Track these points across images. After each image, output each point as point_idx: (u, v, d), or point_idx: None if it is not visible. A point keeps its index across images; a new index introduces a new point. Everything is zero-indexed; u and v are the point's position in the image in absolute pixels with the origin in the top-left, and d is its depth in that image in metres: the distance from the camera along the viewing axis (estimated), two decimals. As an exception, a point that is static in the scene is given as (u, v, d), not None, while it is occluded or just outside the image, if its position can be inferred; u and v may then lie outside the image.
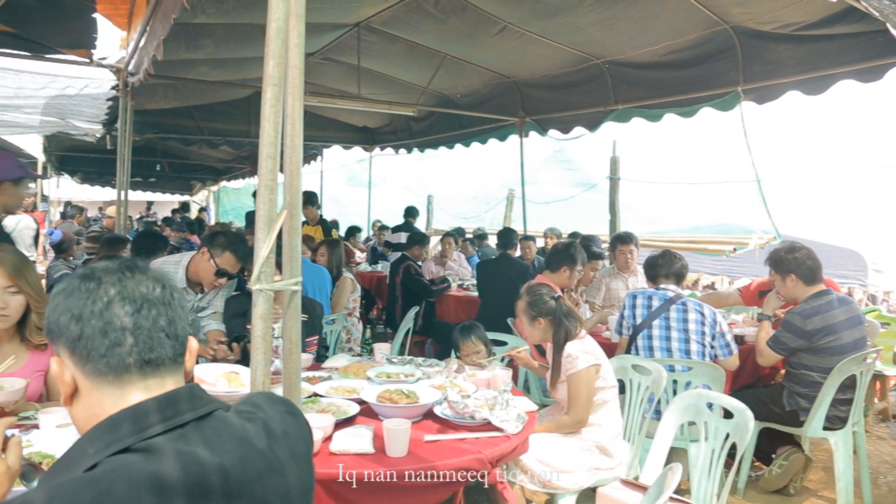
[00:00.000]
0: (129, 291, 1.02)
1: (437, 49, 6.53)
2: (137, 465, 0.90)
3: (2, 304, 2.23)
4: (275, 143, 1.44)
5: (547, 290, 2.99)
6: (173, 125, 8.54)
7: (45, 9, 4.51)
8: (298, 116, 1.53)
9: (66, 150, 11.07)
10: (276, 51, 1.46)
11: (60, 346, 1.02)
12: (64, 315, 1.01)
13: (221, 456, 0.96)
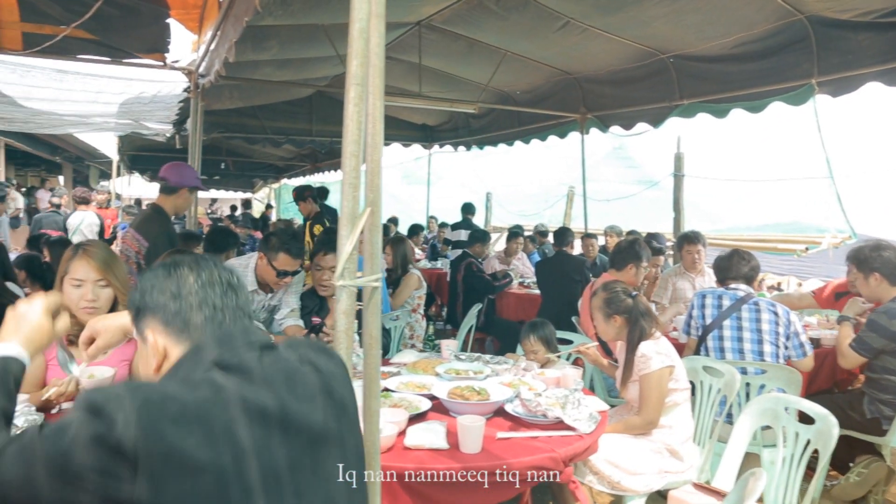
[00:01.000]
0: (216, 277, 1.23)
1: (498, 46, 6.51)
2: (212, 381, 1.07)
3: (92, 297, 2.33)
4: (358, 141, 1.47)
5: (623, 287, 2.94)
6: (238, 124, 8.77)
7: (125, 17, 4.69)
8: (380, 115, 1.55)
9: (137, 149, 11.51)
10: (359, 51, 1.48)
11: (154, 321, 1.20)
12: (163, 294, 1.20)
13: (281, 390, 1.11)
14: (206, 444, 0.98)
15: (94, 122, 7.35)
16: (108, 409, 0.95)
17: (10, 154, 13.45)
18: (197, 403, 1.02)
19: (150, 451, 0.94)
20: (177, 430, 0.97)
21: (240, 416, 1.04)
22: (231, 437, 1.01)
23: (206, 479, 0.97)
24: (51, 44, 4.73)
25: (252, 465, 1.01)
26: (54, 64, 5.40)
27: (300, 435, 1.10)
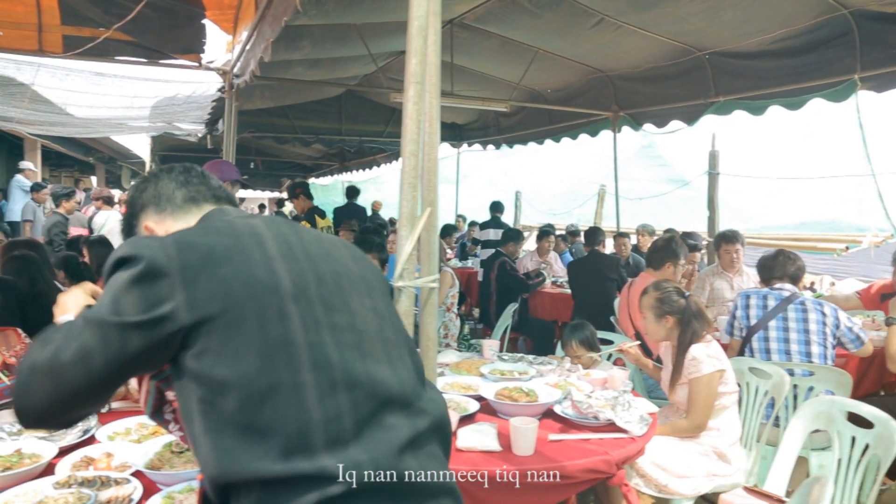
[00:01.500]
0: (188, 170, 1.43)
1: (530, 44, 6.47)
2: (233, 220, 1.20)
3: None
4: (417, 140, 1.45)
5: (676, 287, 2.88)
6: (269, 124, 8.83)
7: (162, 19, 4.75)
8: (436, 114, 1.53)
9: (168, 149, 11.65)
10: (417, 48, 1.46)
11: (146, 218, 1.34)
12: (144, 192, 1.37)
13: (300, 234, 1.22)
14: (235, 257, 1.08)
15: (129, 125, 7.45)
16: (139, 252, 1.06)
17: (45, 155, 13.70)
18: (220, 230, 1.15)
19: (186, 270, 1.04)
20: (207, 248, 1.08)
21: (266, 239, 1.13)
22: (258, 250, 1.11)
23: (237, 286, 1.05)
24: (91, 46, 4.79)
25: (283, 275, 1.09)
26: (93, 66, 5.48)
27: (324, 266, 1.17)
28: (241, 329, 1.03)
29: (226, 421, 1.02)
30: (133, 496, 1.61)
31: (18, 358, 2.43)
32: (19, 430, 2.01)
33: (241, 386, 1.02)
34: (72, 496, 1.61)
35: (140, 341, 1.03)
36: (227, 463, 1.02)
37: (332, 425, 1.04)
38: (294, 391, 1.03)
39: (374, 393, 1.10)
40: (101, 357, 1.03)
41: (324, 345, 1.08)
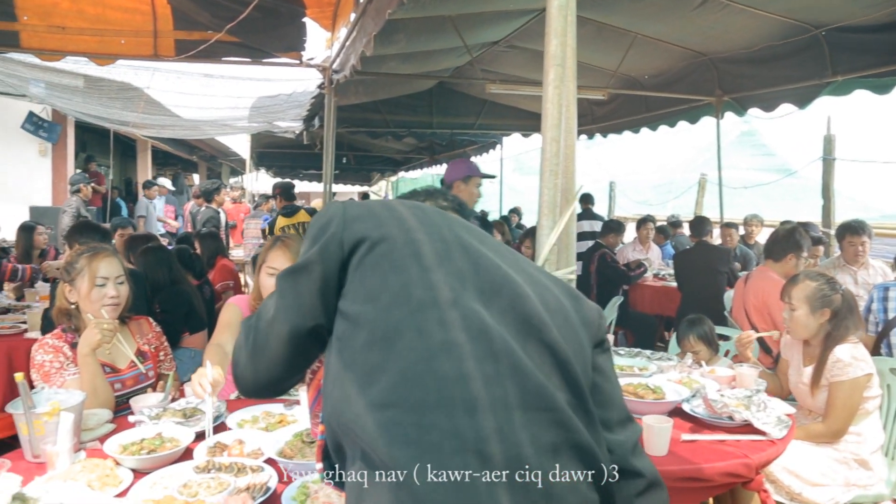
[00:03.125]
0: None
1: (628, 29, 6.24)
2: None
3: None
4: (558, 125, 1.39)
5: (831, 279, 2.66)
6: (361, 119, 8.95)
7: (266, 19, 4.88)
8: (573, 98, 1.46)
9: (265, 146, 12.07)
10: (558, 29, 1.40)
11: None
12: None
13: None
14: (387, 224, 1.13)
15: (233, 124, 7.75)
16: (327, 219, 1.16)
17: (154, 154, 14.55)
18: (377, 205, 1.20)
19: (347, 212, 1.15)
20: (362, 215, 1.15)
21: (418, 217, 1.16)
22: (403, 221, 1.13)
23: (385, 248, 1.09)
24: (201, 49, 4.99)
25: (423, 241, 1.10)
26: (201, 68, 5.70)
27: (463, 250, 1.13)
28: (382, 268, 1.08)
29: (352, 360, 1.03)
30: (269, 484, 1.64)
31: (150, 345, 2.54)
32: (158, 415, 2.09)
33: (370, 322, 1.03)
34: (213, 481, 1.66)
35: (315, 275, 1.11)
36: (341, 407, 1.01)
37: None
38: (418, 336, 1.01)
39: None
40: (292, 303, 1.13)
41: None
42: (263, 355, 1.18)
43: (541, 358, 1.01)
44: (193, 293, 3.93)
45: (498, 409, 0.95)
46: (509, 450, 0.93)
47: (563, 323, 1.08)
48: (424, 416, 0.94)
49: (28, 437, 1.86)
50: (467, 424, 0.93)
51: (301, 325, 1.12)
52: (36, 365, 2.27)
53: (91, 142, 11.90)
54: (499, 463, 0.92)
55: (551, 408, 0.98)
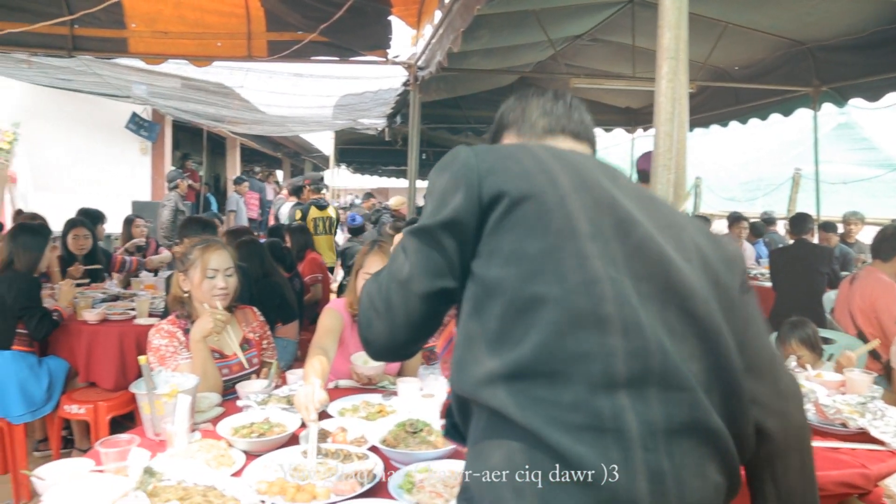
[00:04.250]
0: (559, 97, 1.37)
1: (719, 18, 6.02)
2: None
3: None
4: (672, 119, 1.36)
5: None
6: (442, 115, 9.03)
7: (354, 18, 4.99)
8: (685, 92, 1.43)
9: (347, 143, 12.35)
10: (672, 22, 1.37)
11: (509, 136, 1.35)
12: (513, 111, 1.36)
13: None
14: (532, 177, 1.07)
15: (318, 122, 7.97)
16: (458, 169, 1.10)
17: (241, 151, 15.16)
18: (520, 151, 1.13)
19: (485, 179, 1.06)
20: (501, 166, 1.09)
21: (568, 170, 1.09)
22: (553, 177, 1.07)
23: (529, 206, 1.04)
24: (293, 49, 5.15)
25: (574, 203, 1.04)
26: (291, 68, 5.89)
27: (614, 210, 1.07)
28: (524, 230, 1.04)
29: (486, 326, 1.02)
30: (375, 471, 1.69)
31: (255, 333, 2.66)
32: (264, 400, 2.19)
33: (509, 289, 1.01)
34: (321, 466, 1.72)
35: (450, 233, 1.08)
36: (471, 371, 1.01)
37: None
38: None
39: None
40: (426, 263, 1.10)
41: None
42: (398, 317, 1.14)
43: (683, 332, 1.00)
44: (285, 285, 4.08)
45: (635, 386, 0.94)
46: (643, 427, 0.93)
47: (706, 275, 1.06)
48: (562, 392, 0.94)
49: (150, 416, 1.99)
50: (604, 401, 0.93)
51: (437, 285, 1.10)
52: (153, 348, 2.42)
53: (184, 140, 12.50)
54: (633, 440, 0.92)
55: (687, 387, 0.97)
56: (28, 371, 3.71)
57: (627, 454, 0.91)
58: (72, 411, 3.78)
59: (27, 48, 5.42)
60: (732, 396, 1.02)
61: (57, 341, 3.92)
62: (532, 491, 0.92)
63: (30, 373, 3.72)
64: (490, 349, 1.00)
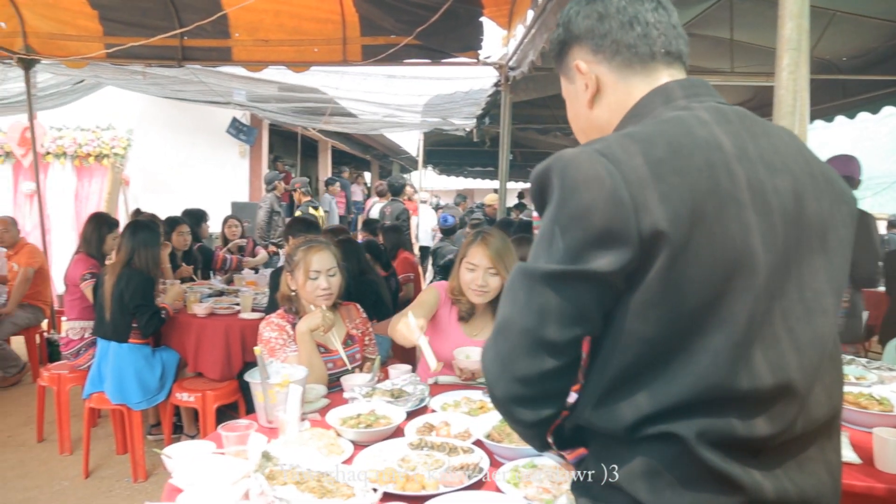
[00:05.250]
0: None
1: (826, 7, 5.70)
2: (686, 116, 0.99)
3: (482, 283, 2.52)
4: (793, 113, 1.32)
5: None
6: (530, 115, 8.98)
7: (446, 20, 5.06)
8: (806, 84, 1.38)
9: (434, 144, 12.50)
10: (794, 11, 1.33)
11: (583, 50, 1.12)
12: (588, 18, 1.10)
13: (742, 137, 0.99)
14: (706, 202, 0.92)
15: (410, 122, 8.13)
16: (598, 196, 0.92)
17: (332, 153, 15.65)
18: (677, 134, 0.96)
19: (641, 211, 0.90)
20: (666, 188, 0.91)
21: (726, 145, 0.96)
22: (734, 194, 0.94)
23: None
24: (387, 54, 5.28)
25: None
26: (384, 70, 6.03)
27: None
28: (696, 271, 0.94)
29: (636, 361, 0.97)
30: (482, 465, 1.72)
31: (358, 329, 2.75)
32: (368, 393, 2.26)
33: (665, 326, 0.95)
34: (428, 458, 1.76)
35: (588, 283, 0.96)
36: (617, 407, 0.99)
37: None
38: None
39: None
40: (554, 310, 0.98)
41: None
42: (515, 368, 0.99)
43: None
44: (380, 283, 4.19)
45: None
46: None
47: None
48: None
49: (263, 404, 2.10)
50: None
51: (566, 335, 0.96)
52: (263, 340, 2.55)
53: (278, 143, 13.02)
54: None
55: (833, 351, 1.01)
56: (143, 362, 3.98)
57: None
58: (182, 399, 4.02)
59: (142, 60, 5.80)
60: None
61: (169, 334, 4.19)
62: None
63: (145, 363, 3.99)
64: (638, 384, 0.99)
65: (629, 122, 1.07)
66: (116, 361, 3.90)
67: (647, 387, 0.96)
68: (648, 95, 1.07)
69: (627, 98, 1.09)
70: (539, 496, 1.55)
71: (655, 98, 1.06)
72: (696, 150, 0.94)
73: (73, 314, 4.51)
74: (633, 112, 1.08)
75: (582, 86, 1.13)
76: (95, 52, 5.58)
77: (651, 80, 1.08)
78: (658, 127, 0.98)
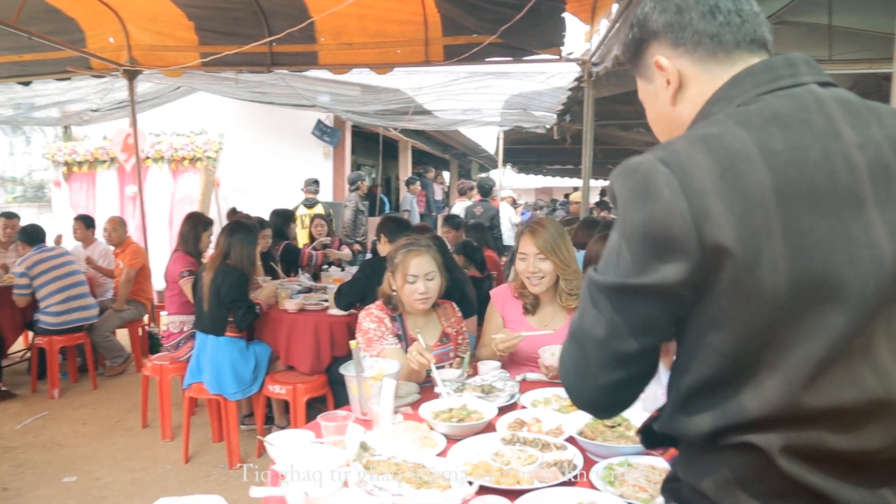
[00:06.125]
0: None
1: (938, -12, 5.33)
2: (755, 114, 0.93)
3: (533, 270, 2.60)
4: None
5: None
6: (612, 111, 8.82)
7: (528, 18, 5.04)
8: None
9: (513, 142, 12.46)
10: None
11: (662, 46, 1.07)
12: (666, 12, 1.05)
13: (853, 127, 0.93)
14: (764, 208, 0.86)
15: (490, 120, 8.14)
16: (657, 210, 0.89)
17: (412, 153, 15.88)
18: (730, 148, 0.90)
19: (703, 225, 0.86)
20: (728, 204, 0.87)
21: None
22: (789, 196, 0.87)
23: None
24: (470, 53, 5.31)
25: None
26: (465, 68, 6.06)
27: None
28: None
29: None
30: (576, 462, 1.71)
31: (453, 328, 2.79)
32: (459, 389, 2.29)
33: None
34: (521, 453, 1.77)
35: (651, 298, 0.96)
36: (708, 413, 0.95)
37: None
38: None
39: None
40: (623, 323, 0.98)
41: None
42: (588, 377, 1.02)
43: None
44: (465, 280, 4.22)
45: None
46: None
47: None
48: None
49: (357, 396, 2.16)
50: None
51: (635, 346, 0.97)
52: (362, 330, 2.63)
53: (359, 144, 13.31)
54: None
55: None
56: (238, 355, 4.17)
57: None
58: (274, 391, 4.19)
59: (234, 67, 6.07)
60: None
61: (261, 328, 4.37)
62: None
63: (240, 356, 4.18)
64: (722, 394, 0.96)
65: (705, 114, 1.03)
66: (214, 354, 4.11)
67: (725, 399, 0.93)
68: (728, 83, 1.01)
69: (710, 90, 1.04)
70: (635, 495, 1.54)
71: (735, 86, 1.00)
72: (777, 147, 0.89)
73: (173, 309, 4.78)
74: (713, 100, 1.02)
75: (663, 83, 1.08)
76: (192, 61, 5.89)
77: (735, 69, 1.02)
78: (728, 127, 0.93)
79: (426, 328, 2.67)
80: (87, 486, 3.91)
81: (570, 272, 2.62)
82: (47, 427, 4.90)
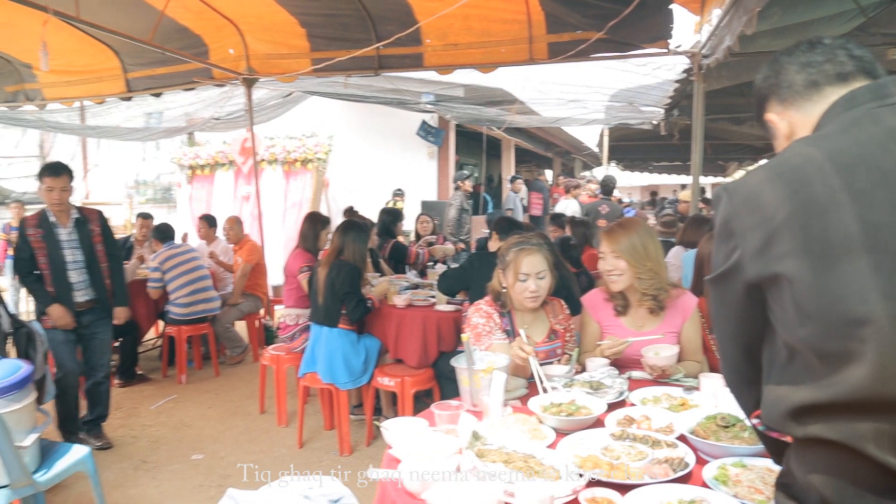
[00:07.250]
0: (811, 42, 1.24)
1: None
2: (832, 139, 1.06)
3: (609, 268, 2.61)
4: None
5: None
6: (723, 105, 8.45)
7: (635, 12, 4.95)
8: None
9: (618, 139, 12.21)
10: None
11: (772, 104, 1.25)
12: (768, 78, 1.25)
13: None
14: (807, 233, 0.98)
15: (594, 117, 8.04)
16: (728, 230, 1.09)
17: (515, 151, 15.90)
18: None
19: (750, 260, 1.04)
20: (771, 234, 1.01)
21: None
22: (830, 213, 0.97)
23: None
24: (576, 51, 5.26)
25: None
26: (569, 65, 6.02)
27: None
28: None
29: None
30: (687, 460, 1.70)
31: (561, 325, 2.82)
32: (568, 384, 2.32)
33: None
34: (632, 449, 1.78)
35: (736, 289, 1.12)
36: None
37: None
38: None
39: None
40: (729, 316, 1.18)
41: None
42: (729, 370, 1.25)
43: None
44: (571, 278, 4.21)
45: None
46: None
47: None
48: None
49: (468, 388, 2.23)
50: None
51: (745, 341, 1.18)
52: (471, 325, 2.70)
53: (462, 143, 13.48)
54: None
55: None
56: (350, 346, 4.37)
57: None
58: (383, 383, 4.35)
59: (344, 71, 6.32)
60: None
61: (372, 322, 4.55)
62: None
63: (351, 348, 4.37)
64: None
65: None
66: (327, 344, 4.33)
67: (808, 391, 0.99)
68: (833, 106, 1.14)
69: (810, 123, 1.18)
70: (750, 496, 1.51)
71: (837, 107, 1.13)
72: (826, 176, 0.99)
73: (290, 302, 5.06)
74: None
75: (778, 133, 1.26)
76: (305, 67, 6.20)
77: (825, 103, 1.16)
78: (787, 156, 1.07)
79: (534, 325, 2.71)
80: (212, 465, 4.24)
81: (644, 271, 2.56)
82: (177, 409, 5.34)
